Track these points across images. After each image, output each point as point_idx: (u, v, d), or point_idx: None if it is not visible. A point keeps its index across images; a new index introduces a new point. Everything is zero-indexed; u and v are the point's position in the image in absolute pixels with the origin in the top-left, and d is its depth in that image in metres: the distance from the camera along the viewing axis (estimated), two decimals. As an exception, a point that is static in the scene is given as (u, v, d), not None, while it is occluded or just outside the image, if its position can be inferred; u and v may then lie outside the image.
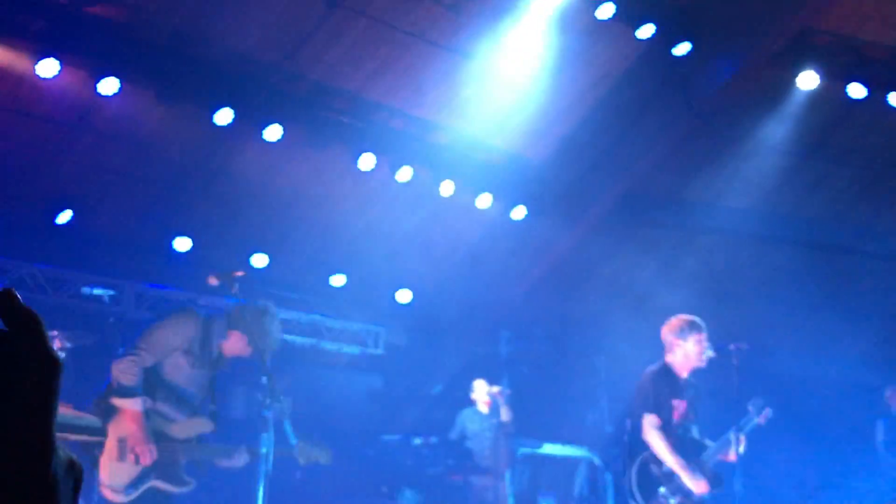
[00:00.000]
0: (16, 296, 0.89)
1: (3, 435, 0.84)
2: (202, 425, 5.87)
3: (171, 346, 5.73)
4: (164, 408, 5.72)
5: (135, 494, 5.53)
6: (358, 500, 9.78)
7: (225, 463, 5.81)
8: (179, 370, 5.75)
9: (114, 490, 5.48)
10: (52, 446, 0.87)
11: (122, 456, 5.50)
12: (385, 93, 9.18)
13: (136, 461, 5.53)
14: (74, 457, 0.91)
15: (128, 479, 5.51)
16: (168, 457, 5.64)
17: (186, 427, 5.79)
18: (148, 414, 5.60)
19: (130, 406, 5.51)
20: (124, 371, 5.54)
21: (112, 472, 5.50)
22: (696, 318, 7.17)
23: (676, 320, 7.17)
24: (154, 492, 5.60)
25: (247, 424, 7.20)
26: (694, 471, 6.79)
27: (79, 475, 0.91)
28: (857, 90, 9.74)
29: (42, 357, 0.88)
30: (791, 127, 10.13)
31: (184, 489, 5.77)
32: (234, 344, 5.91)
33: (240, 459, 5.73)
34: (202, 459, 5.84)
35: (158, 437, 5.61)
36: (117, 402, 5.53)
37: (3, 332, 0.88)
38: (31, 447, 0.86)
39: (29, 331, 0.88)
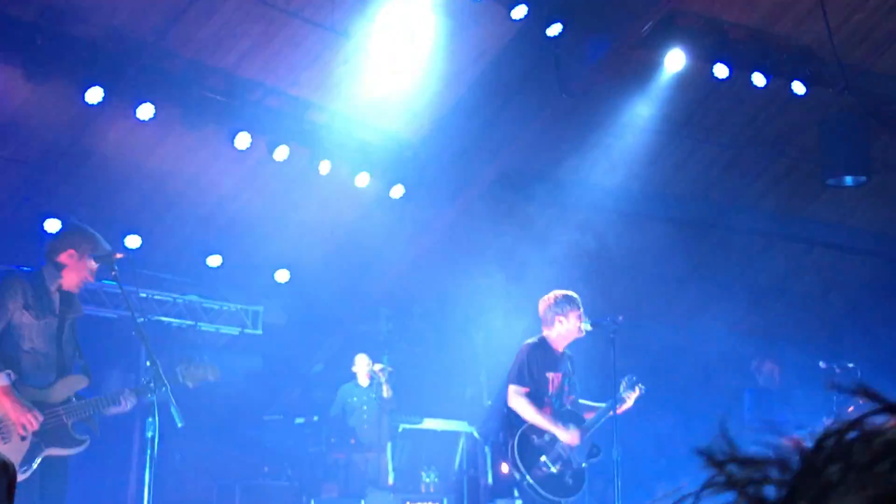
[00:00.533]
0: None
1: None
2: (77, 382, 5.74)
3: (6, 309, 5.52)
4: (31, 377, 5.55)
5: (30, 470, 5.39)
6: (241, 481, 9.76)
7: (114, 410, 5.66)
8: (28, 329, 5.55)
9: None
10: None
11: (5, 437, 5.35)
12: (260, 71, 9.13)
13: (22, 437, 5.37)
14: (6, 458, 0.92)
15: (19, 458, 5.35)
16: (53, 423, 5.49)
17: (61, 389, 5.63)
18: (17, 387, 5.42)
19: None
20: None
21: None
22: (572, 293, 7.36)
23: (553, 296, 7.34)
24: (50, 460, 5.48)
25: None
26: (564, 423, 6.99)
27: (12, 476, 0.92)
28: (721, 70, 10.06)
29: None
30: (659, 106, 10.40)
31: (80, 448, 5.65)
32: (71, 269, 5.73)
33: (128, 403, 5.62)
34: (90, 415, 5.69)
35: (39, 407, 5.44)
36: None
37: None
38: None
39: None
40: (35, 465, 5.41)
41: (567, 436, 6.98)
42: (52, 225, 8.86)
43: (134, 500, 5.78)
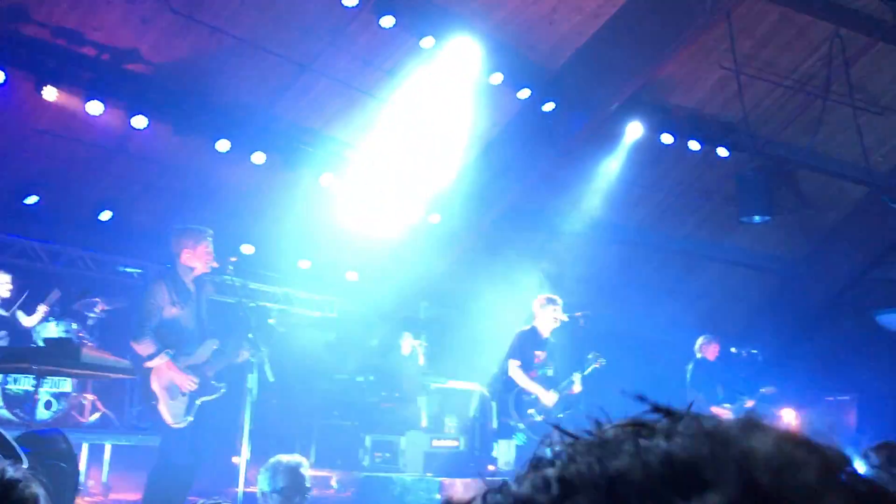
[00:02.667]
0: None
1: None
2: (211, 345, 5.58)
3: (158, 305, 5.34)
4: (183, 349, 5.42)
5: (191, 415, 5.34)
6: (317, 421, 9.72)
7: (239, 360, 5.52)
8: (177, 317, 5.39)
9: (178, 421, 5.26)
10: None
11: (173, 396, 5.24)
12: (339, 131, 9.13)
13: (182, 395, 5.27)
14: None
15: (184, 409, 5.27)
16: (202, 378, 5.43)
17: (202, 352, 5.50)
18: (176, 358, 5.34)
19: (159, 361, 5.26)
20: (143, 348, 5.28)
21: (171, 411, 5.24)
22: (554, 295, 7.28)
23: (541, 297, 7.27)
24: (202, 405, 5.40)
25: (237, 367, 7.05)
26: (546, 387, 6.89)
27: None
28: (666, 138, 9.98)
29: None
30: (622, 162, 10.32)
31: (219, 393, 5.54)
32: (193, 260, 5.51)
33: (246, 354, 5.47)
34: (224, 366, 5.58)
35: (191, 370, 5.38)
36: (150, 364, 5.28)
37: None
38: None
39: None
40: (193, 413, 5.34)
41: (546, 397, 6.90)
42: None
43: (240, 433, 5.73)
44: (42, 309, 7.49)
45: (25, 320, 7.49)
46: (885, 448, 3.31)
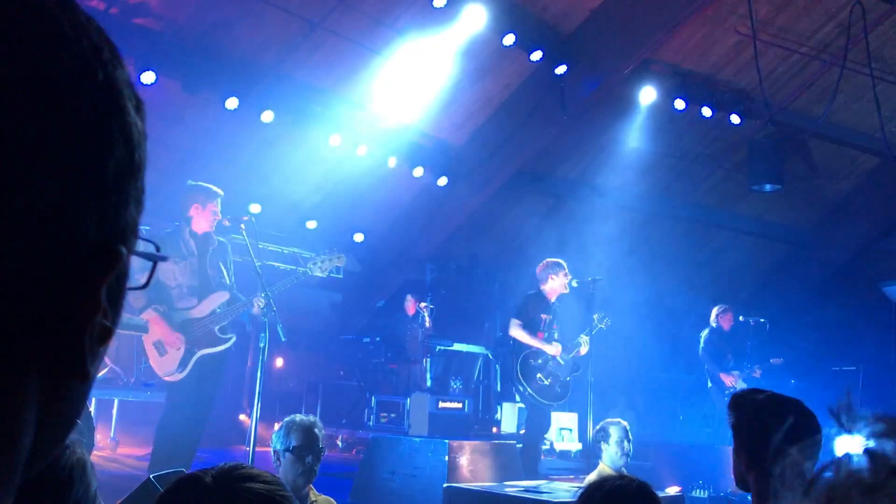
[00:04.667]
0: None
1: None
2: (218, 298, 5.48)
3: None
4: (178, 304, 5.35)
5: (188, 368, 5.27)
6: (323, 380, 9.81)
7: (254, 311, 5.42)
8: (171, 272, 5.34)
9: (169, 374, 5.26)
10: None
11: (161, 352, 5.29)
12: (350, 91, 9.05)
13: (176, 349, 5.32)
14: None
15: (176, 363, 5.26)
16: (201, 331, 5.36)
17: (204, 306, 5.42)
18: (167, 314, 5.29)
19: (147, 316, 5.30)
20: (135, 301, 5.29)
21: (161, 365, 5.26)
22: (560, 260, 7.27)
23: (547, 261, 7.25)
24: (204, 357, 5.34)
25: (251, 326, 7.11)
26: (549, 341, 6.90)
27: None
28: (679, 104, 9.90)
29: None
30: (633, 127, 10.26)
31: (226, 344, 5.46)
32: (198, 217, 5.47)
33: (259, 305, 5.35)
34: (232, 319, 5.49)
35: (187, 324, 5.34)
36: (143, 317, 5.31)
37: None
38: None
39: None
40: (190, 366, 5.29)
41: (552, 349, 6.93)
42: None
43: (249, 390, 5.76)
44: None
45: None
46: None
